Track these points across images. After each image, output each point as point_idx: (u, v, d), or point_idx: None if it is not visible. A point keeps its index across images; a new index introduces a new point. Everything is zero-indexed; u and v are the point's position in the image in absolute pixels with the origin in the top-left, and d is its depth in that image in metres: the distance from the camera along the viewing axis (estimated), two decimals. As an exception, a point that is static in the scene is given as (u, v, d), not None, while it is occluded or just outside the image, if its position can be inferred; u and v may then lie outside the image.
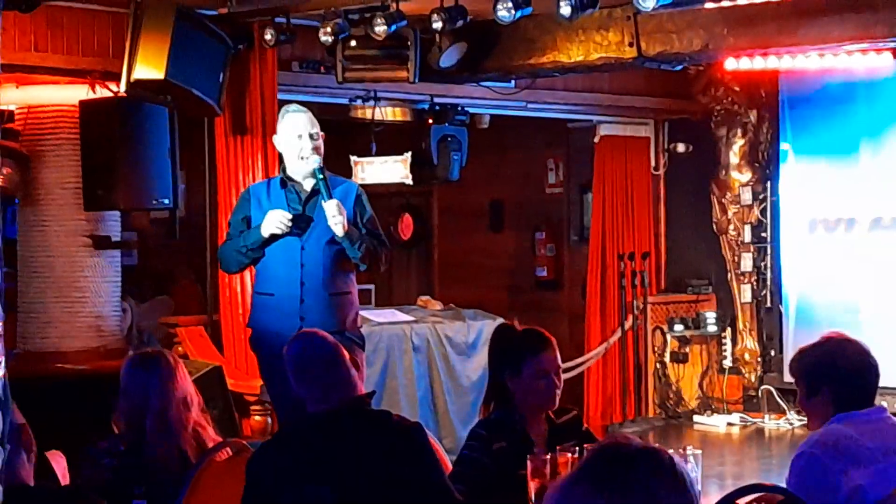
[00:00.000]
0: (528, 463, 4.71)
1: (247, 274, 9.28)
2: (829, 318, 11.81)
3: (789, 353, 12.48)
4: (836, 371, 4.60)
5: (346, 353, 4.84)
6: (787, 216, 12.79)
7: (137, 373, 5.28)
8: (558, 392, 5.33)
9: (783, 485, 4.53)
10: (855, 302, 12.19)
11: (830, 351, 4.66)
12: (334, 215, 6.94)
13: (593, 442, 5.21)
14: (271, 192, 7.19)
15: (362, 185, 7.46)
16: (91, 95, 9.02)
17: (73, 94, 9.13)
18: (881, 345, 4.75)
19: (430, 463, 4.63)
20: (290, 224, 7.04)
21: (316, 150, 7.10)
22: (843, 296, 12.30)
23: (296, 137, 7.10)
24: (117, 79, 8.47)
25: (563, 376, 5.50)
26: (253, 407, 9.09)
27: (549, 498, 2.44)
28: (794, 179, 12.72)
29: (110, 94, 8.89)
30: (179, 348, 9.36)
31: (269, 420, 9.06)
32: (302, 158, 7.07)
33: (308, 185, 7.16)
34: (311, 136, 7.09)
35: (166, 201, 9.18)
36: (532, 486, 4.67)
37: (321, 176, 7.05)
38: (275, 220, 7.03)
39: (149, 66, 8.28)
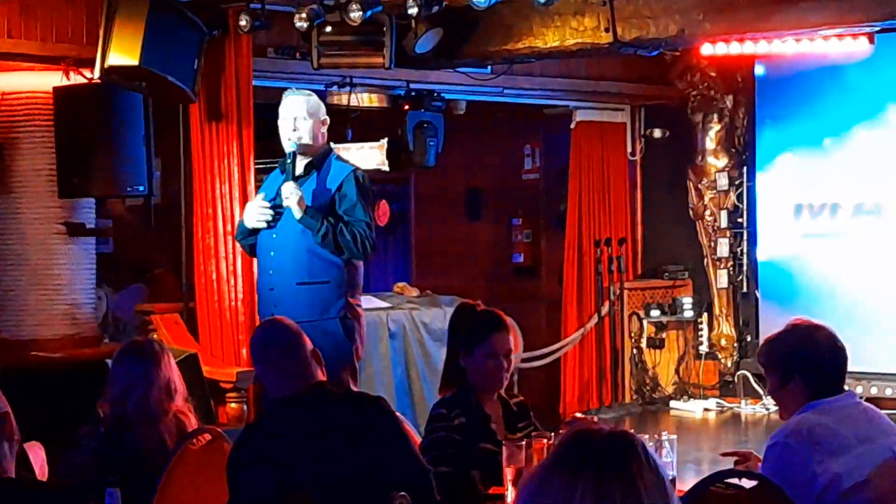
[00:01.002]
0: (504, 449, 4.73)
1: (222, 262, 9.27)
2: (804, 304, 11.86)
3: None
4: (808, 358, 4.58)
5: (307, 341, 4.84)
6: (764, 201, 12.81)
7: (124, 359, 5.44)
8: (506, 375, 5.42)
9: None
10: (832, 287, 12.22)
11: (800, 338, 4.64)
12: (287, 196, 7.02)
13: (536, 427, 5.35)
14: (275, 174, 7.32)
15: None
16: (65, 82, 8.97)
17: (46, 80, 9.08)
18: (862, 330, 4.72)
19: (398, 432, 4.66)
20: (269, 215, 7.07)
21: (299, 134, 7.17)
22: (822, 281, 12.34)
23: (283, 120, 7.22)
24: (91, 65, 8.43)
25: (540, 362, 5.58)
26: (229, 394, 9.07)
27: (525, 487, 2.47)
28: (771, 165, 12.74)
29: (84, 81, 8.85)
30: (155, 336, 9.32)
31: (245, 407, 9.05)
32: (288, 140, 7.16)
33: (300, 167, 7.21)
34: (295, 119, 7.18)
35: (141, 188, 9.15)
36: (508, 472, 4.68)
37: (289, 160, 7.11)
38: (254, 213, 7.07)
39: (123, 53, 8.24)
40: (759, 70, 12.70)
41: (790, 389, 4.61)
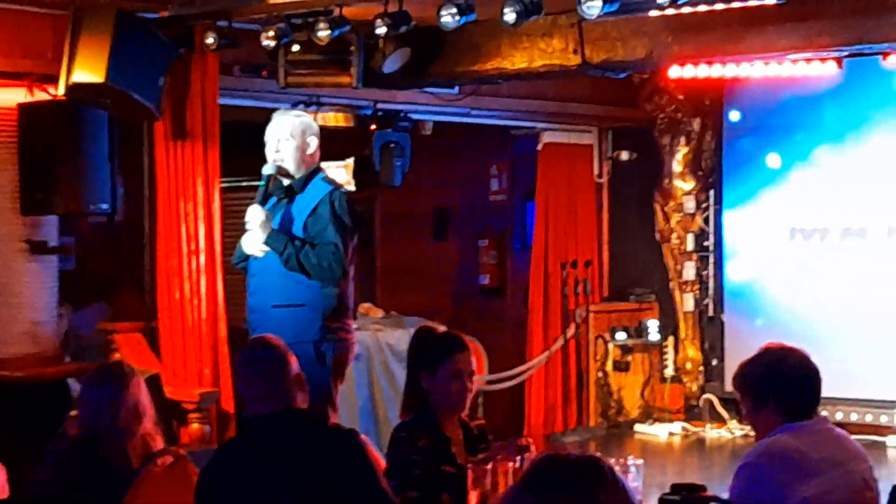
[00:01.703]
0: (469, 472, 4.71)
1: (186, 282, 9.22)
2: (771, 328, 11.89)
3: (731, 363, 12.58)
4: (782, 381, 4.57)
5: (293, 364, 4.82)
6: (731, 225, 12.86)
7: (94, 381, 5.43)
8: (469, 396, 5.42)
9: (725, 495, 4.51)
10: (798, 312, 12.27)
11: (774, 362, 4.63)
12: (249, 220, 7.01)
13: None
14: (273, 199, 7.29)
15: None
16: (30, 98, 8.90)
17: (11, 96, 9.00)
18: (827, 356, 4.71)
19: (366, 467, 4.63)
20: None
21: (281, 156, 7.15)
22: (788, 305, 12.39)
23: (267, 142, 7.21)
24: (56, 82, 8.37)
25: (506, 384, 5.60)
26: (191, 415, 9.00)
27: None
28: (738, 188, 12.78)
29: (49, 98, 8.78)
30: (117, 354, 9.25)
31: (208, 428, 8.98)
32: (269, 163, 7.13)
33: (282, 189, 7.21)
34: (278, 140, 7.15)
35: (105, 206, 9.07)
36: (473, 496, 4.65)
37: (263, 182, 7.09)
38: (254, 241, 7.06)
39: (88, 70, 8.20)
40: (727, 93, 12.75)
41: (764, 414, 4.60)
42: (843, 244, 12.17)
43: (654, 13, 7.98)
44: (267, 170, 7.17)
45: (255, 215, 7.06)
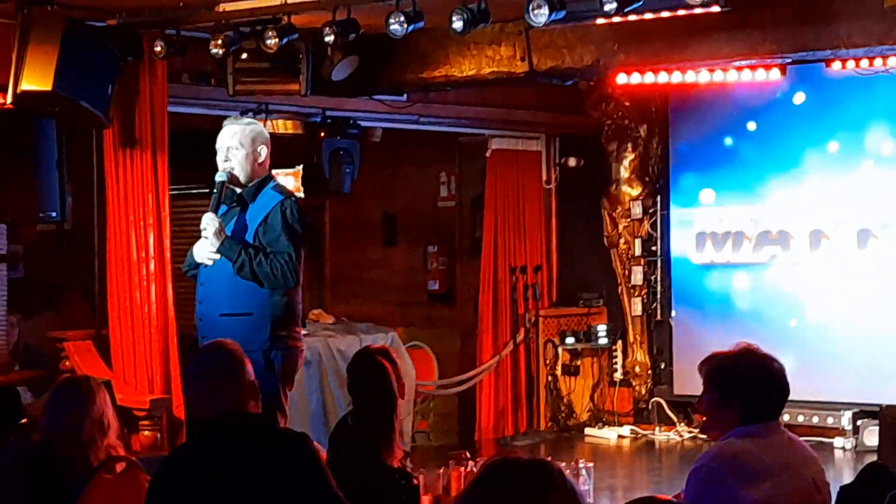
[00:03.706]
0: (421, 477, 4.73)
1: (136, 289, 9.20)
2: (718, 332, 12.00)
3: (679, 366, 12.67)
4: (753, 388, 4.57)
5: (248, 371, 4.84)
6: (677, 229, 12.94)
7: (60, 393, 5.51)
8: None
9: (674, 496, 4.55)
10: (747, 315, 12.39)
11: (753, 367, 4.61)
12: (204, 227, 6.99)
13: None
14: (224, 208, 7.24)
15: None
16: (-23, 107, 8.87)
17: (-42, 105, 8.97)
18: (777, 357, 4.71)
19: (317, 471, 4.63)
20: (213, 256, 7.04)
21: (230, 164, 7.13)
22: (737, 308, 12.51)
23: (218, 150, 7.16)
24: (3, 90, 8.34)
25: (455, 389, 5.69)
26: (142, 422, 8.99)
27: None
28: (684, 193, 12.87)
29: (-3, 106, 8.76)
30: (67, 363, 9.23)
31: (159, 435, 8.97)
32: (220, 171, 7.12)
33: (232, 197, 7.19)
34: (228, 148, 7.12)
35: (54, 214, 9.05)
36: (426, 500, 4.68)
37: (216, 191, 7.07)
38: (205, 249, 7.03)
39: (36, 78, 8.18)
40: (672, 104, 12.84)
41: (725, 412, 4.59)
42: (794, 245, 12.24)
43: (600, 21, 8.04)
44: (219, 177, 7.15)
45: (209, 223, 7.04)
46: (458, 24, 7.74)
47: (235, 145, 7.14)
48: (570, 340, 13.10)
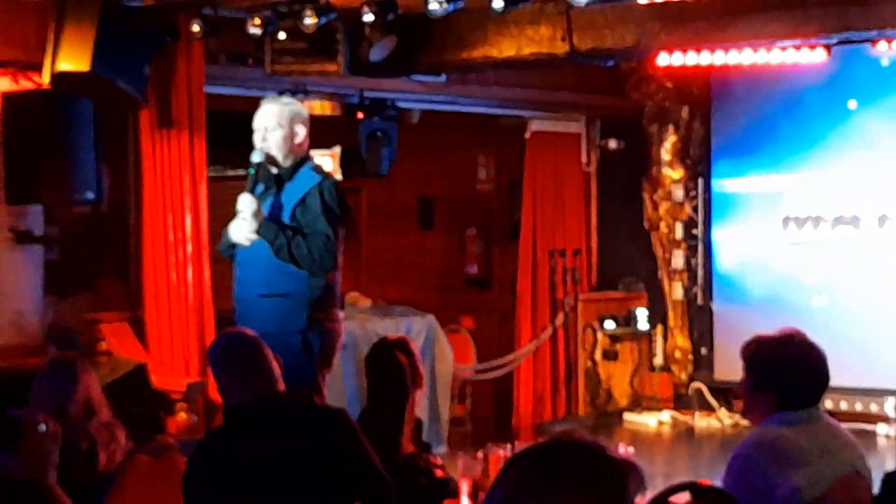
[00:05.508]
0: (459, 461, 4.69)
1: (172, 271, 9.18)
2: (760, 317, 11.88)
3: (719, 352, 12.57)
4: (791, 375, 4.53)
5: (266, 352, 4.81)
6: (720, 213, 12.85)
7: (45, 374, 5.63)
8: None
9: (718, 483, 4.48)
10: (788, 300, 12.28)
11: (789, 354, 4.56)
12: (241, 209, 6.90)
13: None
14: (260, 188, 7.16)
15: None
16: (14, 87, 8.84)
17: (-6, 85, 8.96)
18: (819, 344, 4.65)
19: (358, 444, 4.62)
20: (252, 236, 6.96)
21: (268, 144, 7.04)
22: (779, 293, 12.39)
23: (255, 130, 7.07)
24: (40, 70, 8.31)
25: (494, 374, 5.66)
26: (178, 405, 8.96)
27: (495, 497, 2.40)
28: (727, 176, 12.77)
29: (33, 86, 8.73)
30: (103, 344, 9.21)
31: (195, 418, 8.94)
32: (256, 151, 7.04)
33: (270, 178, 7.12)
34: (266, 129, 7.03)
35: (90, 195, 9.02)
36: (464, 484, 4.64)
37: (253, 171, 6.99)
38: (242, 230, 6.94)
39: (73, 59, 8.15)
40: (714, 85, 12.73)
41: (761, 397, 4.56)
42: (835, 233, 12.14)
43: (641, 1, 7.95)
44: (255, 158, 7.07)
45: (247, 204, 6.94)
46: (498, 4, 7.67)
47: (273, 126, 7.07)
48: (609, 325, 13.01)
